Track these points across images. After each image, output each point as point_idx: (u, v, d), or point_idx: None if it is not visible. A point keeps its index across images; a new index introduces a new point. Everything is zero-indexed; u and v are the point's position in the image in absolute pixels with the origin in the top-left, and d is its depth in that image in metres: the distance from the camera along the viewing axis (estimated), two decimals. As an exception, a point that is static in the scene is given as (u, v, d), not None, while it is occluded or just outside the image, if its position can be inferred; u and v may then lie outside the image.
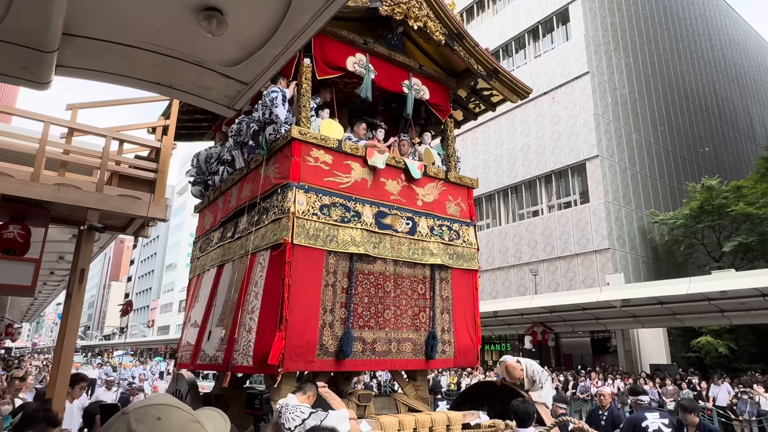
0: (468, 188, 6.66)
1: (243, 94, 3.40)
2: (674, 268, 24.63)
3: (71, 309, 4.92)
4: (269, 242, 5.00)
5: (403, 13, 5.84)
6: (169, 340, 52.26)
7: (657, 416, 4.53)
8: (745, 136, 36.64)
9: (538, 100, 25.48)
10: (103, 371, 22.13)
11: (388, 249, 5.48)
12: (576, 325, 21.44)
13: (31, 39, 2.58)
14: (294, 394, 4.10)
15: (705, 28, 36.86)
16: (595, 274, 22.03)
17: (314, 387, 4.22)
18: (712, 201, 22.42)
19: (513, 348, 26.56)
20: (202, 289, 6.66)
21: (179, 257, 68.44)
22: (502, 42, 28.71)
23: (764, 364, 19.12)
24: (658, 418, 4.49)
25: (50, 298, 16.24)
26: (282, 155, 5.25)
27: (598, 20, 25.59)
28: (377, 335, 5.27)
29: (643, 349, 21.50)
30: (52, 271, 9.90)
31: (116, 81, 3.26)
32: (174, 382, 6.99)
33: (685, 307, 17.03)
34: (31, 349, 67.21)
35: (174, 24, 2.69)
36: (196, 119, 7.84)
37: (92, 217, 4.99)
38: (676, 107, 29.54)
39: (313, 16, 2.61)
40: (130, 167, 5.56)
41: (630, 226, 23.46)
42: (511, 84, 7.02)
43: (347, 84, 6.63)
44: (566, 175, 24.59)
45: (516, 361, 5.88)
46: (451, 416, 5.33)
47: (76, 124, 5.29)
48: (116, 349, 56.78)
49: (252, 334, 4.82)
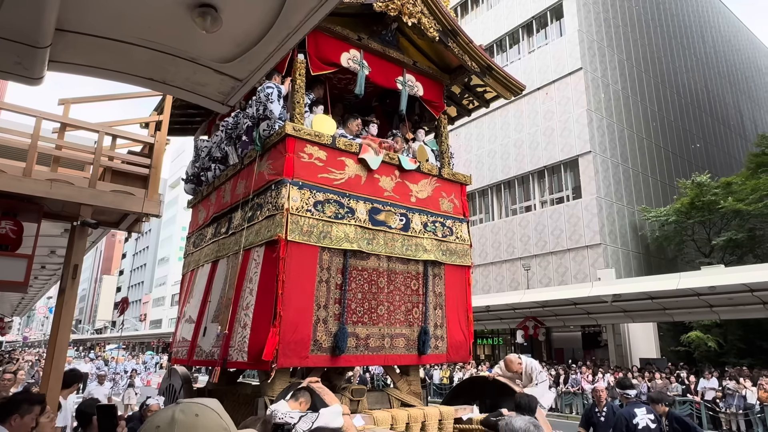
0: (461, 185, 6.69)
1: (237, 91, 3.40)
2: (665, 264, 24.86)
3: (65, 305, 4.91)
4: (263, 238, 5.00)
5: (398, 9, 5.83)
6: (162, 334, 52.11)
7: (644, 411, 4.62)
8: (735, 133, 36.93)
9: (532, 96, 25.52)
10: (95, 365, 22.05)
11: (381, 245, 5.50)
12: (567, 319, 21.61)
13: (23, 35, 2.56)
14: (286, 401, 4.06)
15: (697, 25, 37.03)
16: (586, 269, 22.19)
17: (307, 394, 4.14)
18: (703, 197, 22.61)
19: (505, 342, 26.72)
20: (197, 284, 6.66)
21: (171, 251, 68.13)
22: (496, 37, 28.70)
23: (752, 359, 19.37)
24: (645, 414, 4.58)
25: (41, 292, 16.12)
26: (276, 151, 5.25)
27: (591, 16, 25.63)
28: (371, 331, 5.30)
29: (634, 343, 21.72)
30: (44, 266, 9.83)
31: (109, 77, 3.25)
32: (168, 377, 7.00)
33: (674, 302, 17.21)
34: (21, 343, 66.83)
35: (168, 20, 2.68)
36: (190, 114, 7.80)
37: (85, 212, 4.97)
38: (668, 104, 29.71)
39: (307, 14, 2.61)
40: (124, 163, 5.54)
41: (622, 221, 23.63)
42: (504, 81, 7.04)
43: (341, 80, 6.63)
44: (559, 171, 24.70)
45: (518, 356, 6.05)
46: (444, 411, 5.39)
47: (69, 119, 5.25)
48: (108, 343, 56.58)
49: (247, 330, 4.83)
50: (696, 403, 14.02)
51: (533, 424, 1.77)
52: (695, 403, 14.05)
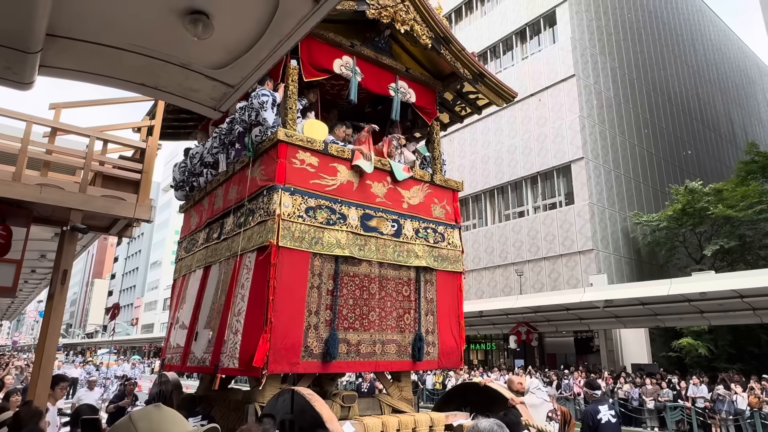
0: (453, 191, 6.71)
1: (229, 96, 3.40)
2: (656, 270, 25.00)
3: (53, 310, 4.87)
4: (255, 244, 4.99)
5: (390, 16, 5.86)
6: (153, 338, 51.70)
7: (606, 408, 5.24)
8: (726, 140, 37.30)
9: (525, 102, 25.67)
10: (85, 370, 21.79)
11: (373, 251, 5.51)
12: (560, 325, 21.67)
13: (13, 40, 2.55)
14: None
15: (689, 33, 37.44)
16: (579, 274, 22.28)
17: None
18: (695, 204, 22.78)
19: (498, 347, 26.74)
20: (189, 290, 6.62)
21: (164, 255, 67.69)
22: (490, 43, 28.87)
23: (742, 364, 19.51)
24: (608, 410, 5.21)
25: (32, 296, 15.97)
26: (268, 157, 5.25)
27: (584, 24, 25.85)
28: (362, 337, 5.29)
29: (626, 348, 21.81)
30: (34, 270, 9.74)
31: (101, 82, 3.24)
32: (158, 383, 6.95)
33: (665, 308, 17.31)
34: (11, 347, 66.03)
35: (160, 27, 2.68)
36: (182, 118, 7.78)
37: (75, 217, 4.94)
38: (660, 111, 29.97)
39: (299, 22, 2.62)
40: (115, 167, 5.51)
41: (614, 227, 23.77)
42: (496, 88, 7.08)
43: (334, 86, 6.64)
44: (552, 177, 24.82)
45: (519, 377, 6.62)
46: (434, 417, 5.38)
47: (60, 123, 5.23)
48: (99, 348, 56.05)
49: (238, 336, 4.81)
50: (687, 409, 14.08)
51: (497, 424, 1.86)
52: (686, 408, 14.11)
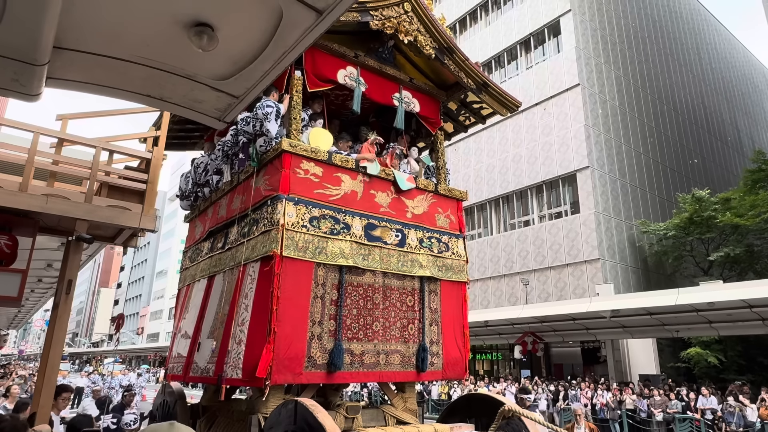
0: (458, 200, 6.69)
1: (234, 107, 3.43)
2: (663, 279, 24.81)
3: (57, 320, 4.89)
4: (259, 254, 5.00)
5: (394, 27, 5.90)
6: (159, 347, 51.74)
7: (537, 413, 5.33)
8: (732, 149, 37.13)
9: (530, 111, 25.71)
10: (90, 380, 21.81)
11: (377, 261, 5.49)
12: (566, 335, 21.50)
13: (21, 52, 2.59)
14: None
15: (694, 42, 37.44)
16: (585, 284, 22.14)
17: None
18: (702, 212, 22.65)
19: (504, 358, 26.54)
20: (193, 299, 6.63)
21: (170, 264, 67.90)
22: (495, 53, 28.99)
23: (752, 375, 19.27)
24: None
25: (38, 305, 16.04)
26: (272, 167, 5.26)
27: (588, 33, 25.93)
28: (366, 347, 5.27)
29: (633, 359, 21.58)
30: (40, 279, 9.80)
31: (107, 93, 3.27)
32: (162, 393, 6.94)
33: (673, 318, 17.14)
34: (17, 356, 66.22)
35: (165, 39, 2.71)
36: (188, 129, 7.84)
37: (81, 227, 4.97)
38: (666, 119, 29.91)
39: (303, 33, 2.64)
40: (120, 178, 5.55)
41: (620, 236, 23.64)
42: (500, 97, 7.09)
43: (338, 96, 6.67)
44: (557, 186, 24.77)
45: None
46: (439, 429, 5.33)
47: (66, 134, 5.28)
48: (106, 357, 56.12)
49: (242, 346, 4.80)
50: (696, 421, 13.89)
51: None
52: (695, 420, 13.92)
